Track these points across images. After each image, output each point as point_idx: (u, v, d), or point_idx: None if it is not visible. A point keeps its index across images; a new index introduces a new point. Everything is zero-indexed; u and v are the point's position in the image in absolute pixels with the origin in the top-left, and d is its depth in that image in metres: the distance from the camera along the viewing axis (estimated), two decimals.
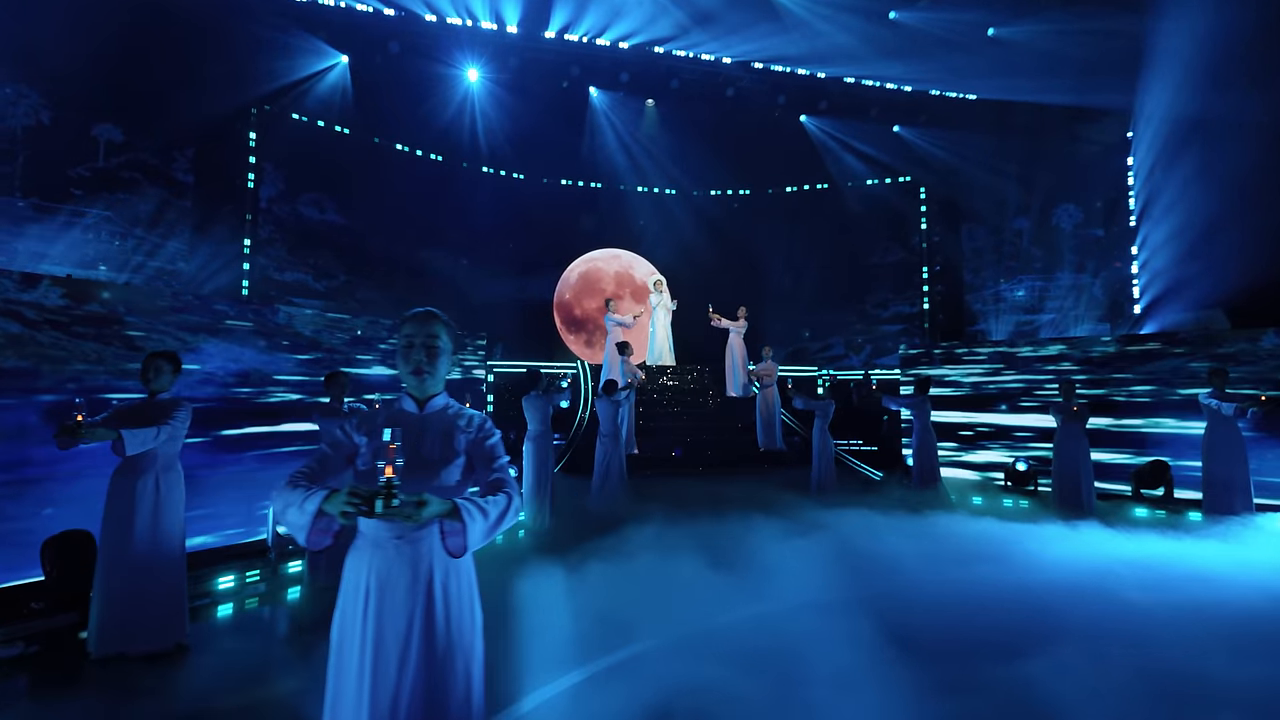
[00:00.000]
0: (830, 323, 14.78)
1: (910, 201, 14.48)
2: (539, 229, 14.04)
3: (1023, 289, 14.06)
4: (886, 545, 5.57)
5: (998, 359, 10.12)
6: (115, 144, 9.95)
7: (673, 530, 5.81)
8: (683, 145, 13.74)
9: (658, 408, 10.99)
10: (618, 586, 4.36)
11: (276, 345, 6.04)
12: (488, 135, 12.96)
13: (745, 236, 14.45)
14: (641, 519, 6.21)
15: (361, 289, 12.25)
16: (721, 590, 4.41)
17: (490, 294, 13.48)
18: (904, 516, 6.96)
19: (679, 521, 6.26)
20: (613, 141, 13.58)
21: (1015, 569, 5.23)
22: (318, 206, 11.81)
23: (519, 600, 4.06)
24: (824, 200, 14.81)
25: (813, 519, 6.33)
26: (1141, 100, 12.69)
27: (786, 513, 6.58)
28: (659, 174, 14.25)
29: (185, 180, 10.53)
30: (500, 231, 13.74)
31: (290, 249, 11.50)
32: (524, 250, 13.95)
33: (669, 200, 14.66)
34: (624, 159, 13.76)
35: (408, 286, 12.63)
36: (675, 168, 14.08)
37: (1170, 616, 4.03)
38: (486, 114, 12.60)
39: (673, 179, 14.41)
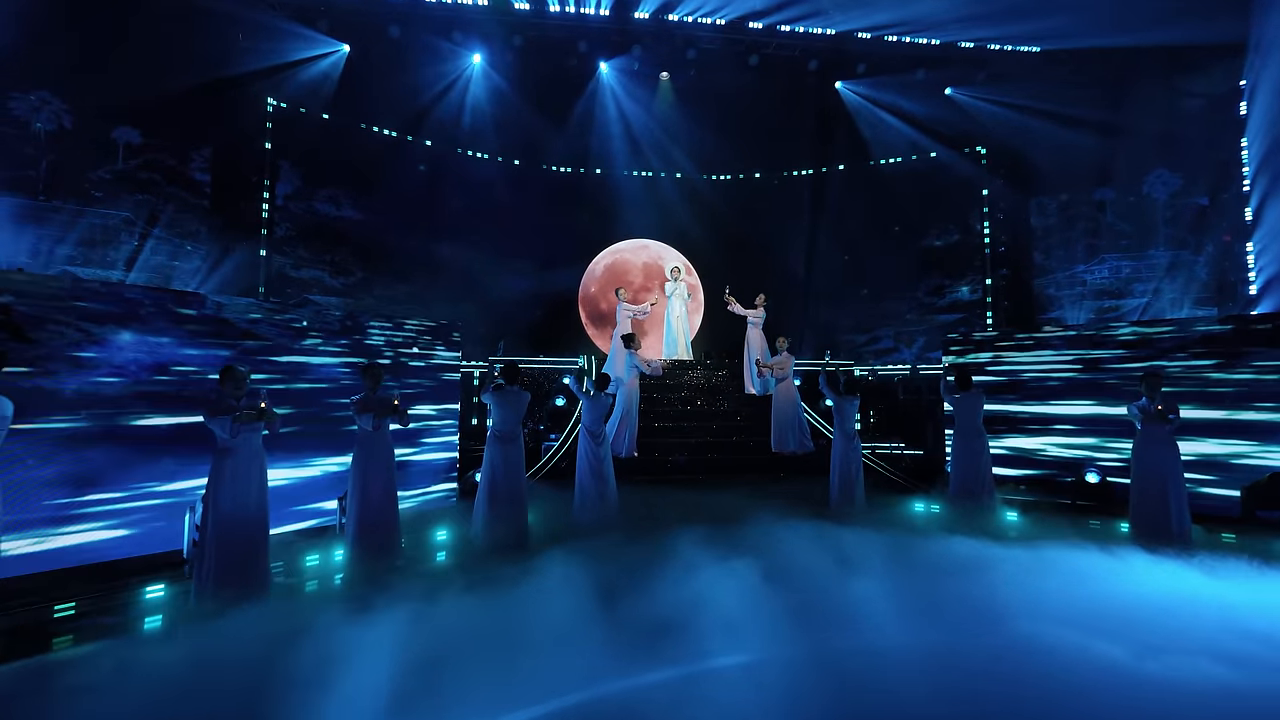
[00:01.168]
0: (878, 314, 13.35)
1: (969, 175, 12.85)
2: (562, 220, 13.47)
3: (1105, 269, 12.12)
4: (885, 584, 4.24)
5: (1066, 345, 8.57)
6: (134, 146, 10.19)
7: (613, 555, 4.95)
8: (702, 123, 12.76)
9: (668, 407, 10.12)
10: (462, 631, 3.56)
11: (203, 336, 5.68)
12: (503, 125, 12.53)
13: (775, 222, 13.32)
14: (589, 538, 5.43)
15: (379, 284, 12.11)
16: (612, 645, 3.48)
17: (511, 289, 13.07)
18: (927, 541, 5.70)
19: (636, 541, 5.39)
20: (633, 123, 12.79)
21: (1075, 626, 3.71)
22: (334, 202, 11.75)
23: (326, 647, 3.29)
24: (866, 178, 13.44)
25: (794, 542, 5.20)
26: (1259, 33, 10.58)
27: (771, 532, 5.52)
28: (678, 156, 13.32)
29: (202, 180, 10.68)
30: (521, 223, 13.30)
31: (307, 246, 11.49)
32: (547, 242, 13.39)
33: (688, 184, 13.74)
34: (642, 140, 12.94)
35: (425, 282, 12.41)
36: (695, 148, 13.11)
37: None
38: (500, 101, 12.15)
39: (694, 160, 13.45)
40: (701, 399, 10.34)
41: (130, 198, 10.14)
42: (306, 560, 5.30)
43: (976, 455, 7.36)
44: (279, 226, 11.29)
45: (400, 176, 12.14)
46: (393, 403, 5.37)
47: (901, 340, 13.25)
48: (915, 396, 11.35)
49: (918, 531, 6.29)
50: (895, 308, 13.30)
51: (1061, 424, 8.52)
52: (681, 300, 11.18)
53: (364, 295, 11.97)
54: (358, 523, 5.31)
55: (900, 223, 13.22)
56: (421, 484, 7.68)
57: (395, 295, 12.21)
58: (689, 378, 10.74)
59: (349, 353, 7.28)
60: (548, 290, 13.44)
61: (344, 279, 11.81)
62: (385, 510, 5.48)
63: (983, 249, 12.90)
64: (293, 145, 11.35)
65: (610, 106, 12.54)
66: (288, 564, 5.24)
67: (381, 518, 5.43)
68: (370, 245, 11.99)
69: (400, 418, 5.41)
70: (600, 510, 7.16)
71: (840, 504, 7.59)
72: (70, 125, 9.73)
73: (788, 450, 9.39)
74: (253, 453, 4.63)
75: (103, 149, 10.00)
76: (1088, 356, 8.40)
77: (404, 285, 12.27)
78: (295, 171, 11.47)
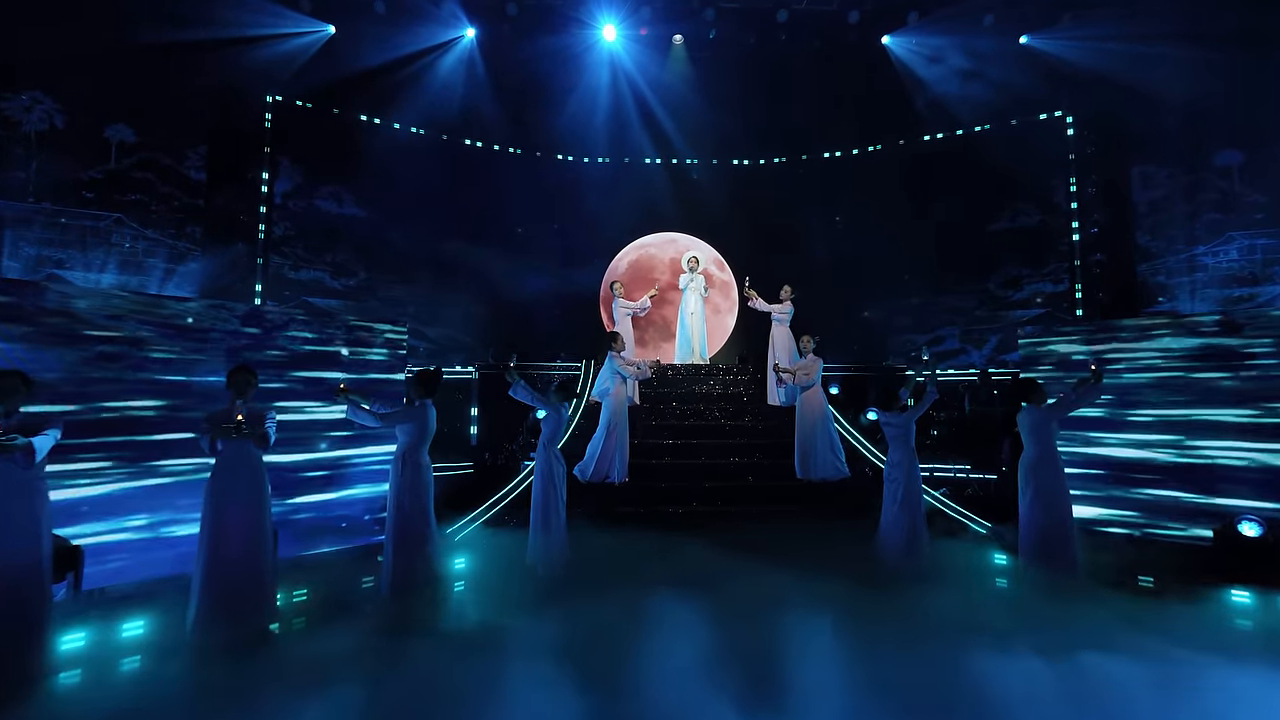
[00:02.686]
0: (940, 310, 11.34)
1: (1051, 142, 10.69)
2: (581, 214, 12.29)
3: (1234, 250, 9.70)
4: None
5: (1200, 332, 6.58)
6: (128, 144, 9.77)
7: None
8: (726, 96, 11.19)
9: (674, 420, 8.66)
10: None
11: (39, 335, 4.76)
12: (515, 111, 11.47)
13: (815, 207, 11.58)
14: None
15: (383, 286, 11.32)
16: None
17: (529, 289, 11.96)
18: (987, 634, 4.12)
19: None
20: (649, 100, 11.41)
21: None
22: (336, 199, 11.04)
23: None
24: (921, 153, 11.49)
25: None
26: None
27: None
28: (701, 136, 11.80)
29: (198, 178, 10.16)
30: (539, 219, 12.20)
31: (307, 245, 10.84)
32: (565, 238, 12.22)
33: (716, 170, 12.22)
34: (662, 121, 11.52)
35: (434, 283, 11.55)
36: (718, 126, 11.56)
37: None
38: (500, 83, 11.06)
39: (720, 141, 11.89)
40: (715, 411, 8.84)
41: (123, 198, 9.71)
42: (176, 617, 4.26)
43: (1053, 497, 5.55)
44: (277, 226, 10.67)
45: (406, 171, 11.32)
46: (235, 418, 4.23)
47: (970, 340, 11.20)
48: (986, 407, 9.38)
49: (1013, 612, 4.61)
50: (961, 303, 11.27)
51: (1197, 448, 6.45)
52: (698, 295, 9.73)
53: (367, 298, 11.19)
54: (205, 576, 4.21)
55: (965, 204, 11.19)
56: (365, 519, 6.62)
57: (399, 297, 11.36)
58: (703, 387, 9.24)
59: (288, 358, 6.31)
60: (568, 290, 12.25)
61: (345, 280, 11.06)
62: (249, 560, 4.38)
63: (1069, 231, 10.71)
64: (293, 140, 10.71)
65: (622, 83, 11.20)
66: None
67: (243, 571, 4.32)
68: (374, 245, 11.21)
69: (255, 439, 4.29)
70: (545, 553, 5.87)
71: (902, 560, 5.93)
72: (62, 125, 9.38)
73: (816, 477, 7.72)
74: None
75: (95, 149, 9.61)
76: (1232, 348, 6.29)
77: (410, 287, 11.41)
78: (295, 168, 10.83)
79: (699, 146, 12.14)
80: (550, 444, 6.27)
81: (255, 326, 6.18)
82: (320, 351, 6.42)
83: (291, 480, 6.11)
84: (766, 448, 8.29)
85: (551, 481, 6.16)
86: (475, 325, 11.86)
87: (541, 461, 6.20)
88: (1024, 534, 5.63)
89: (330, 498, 6.36)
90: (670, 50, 10.59)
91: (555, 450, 6.30)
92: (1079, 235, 10.63)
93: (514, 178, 12.19)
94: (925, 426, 9.62)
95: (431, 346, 11.68)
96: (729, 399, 9.07)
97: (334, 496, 6.38)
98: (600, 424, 7.55)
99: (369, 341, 6.80)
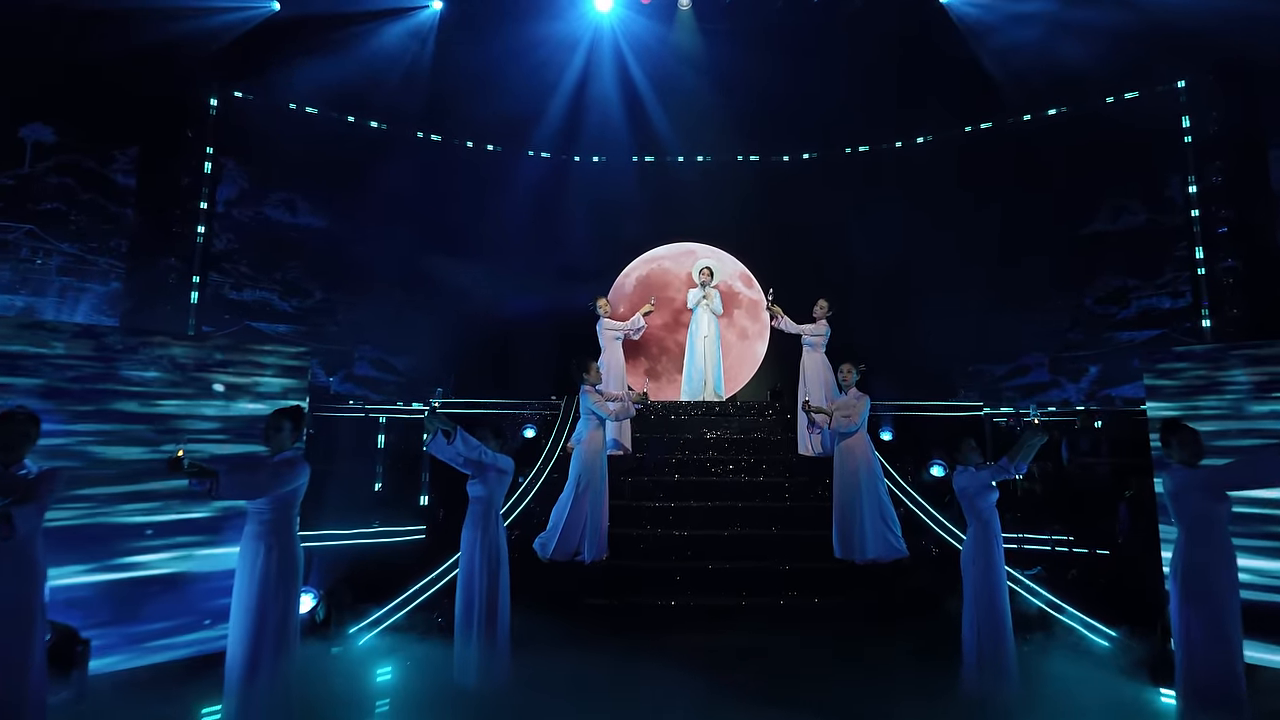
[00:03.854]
0: (1022, 334, 9.46)
1: (1162, 122, 8.85)
2: (583, 222, 10.88)
3: None
4: None
5: None
6: (45, 146, 8.74)
7: None
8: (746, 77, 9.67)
9: (673, 475, 7.00)
10: None
11: None
12: (498, 101, 10.14)
13: (861, 211, 9.84)
14: None
15: (343, 308, 10.02)
16: None
17: (518, 311, 10.54)
18: None
19: None
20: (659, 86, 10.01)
21: None
22: (288, 207, 9.86)
23: None
24: (992, 141, 9.73)
25: None
26: None
27: None
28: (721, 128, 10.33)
29: (126, 184, 9.08)
30: (531, 229, 10.80)
31: (253, 261, 9.63)
32: (564, 252, 10.80)
33: (741, 170, 10.72)
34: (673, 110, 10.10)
35: (406, 304, 10.18)
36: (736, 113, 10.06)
37: None
38: (490, 71, 9.77)
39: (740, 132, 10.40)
40: (728, 464, 7.11)
41: (36, 207, 8.69)
42: None
43: (1219, 599, 3.74)
44: (219, 238, 9.48)
45: (374, 173, 10.04)
46: None
47: (1062, 371, 9.25)
48: (1090, 458, 7.47)
49: None
50: (1050, 323, 9.35)
51: None
52: (710, 315, 8.11)
53: (323, 321, 9.90)
54: None
55: (1050, 202, 9.36)
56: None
57: (363, 321, 10.06)
58: (713, 431, 7.56)
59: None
60: (563, 311, 10.75)
61: (297, 301, 9.80)
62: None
63: (1188, 232, 8.77)
64: (239, 140, 9.57)
65: (622, 64, 9.76)
66: None
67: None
68: (334, 260, 9.93)
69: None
70: (477, 669, 4.33)
71: (983, 684, 4.20)
72: None
73: (862, 558, 5.93)
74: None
75: (7, 151, 8.64)
76: None
77: (376, 309, 10.09)
78: (241, 171, 9.66)
79: (718, 139, 10.63)
80: (485, 516, 4.73)
81: (90, 352, 4.84)
82: (179, 387, 5.03)
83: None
84: (795, 515, 6.48)
85: (486, 568, 4.61)
86: (454, 354, 10.48)
87: (470, 540, 4.66)
88: (1185, 668, 3.81)
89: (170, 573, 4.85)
90: (676, 18, 9.15)
91: (493, 523, 4.76)
92: (1201, 235, 8.69)
93: (500, 181, 10.82)
94: (1006, 483, 7.75)
95: (400, 380, 10.31)
96: (748, 447, 7.34)
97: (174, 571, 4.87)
98: (568, 483, 5.98)
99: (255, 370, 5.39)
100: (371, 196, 9.96)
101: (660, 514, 6.41)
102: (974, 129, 9.96)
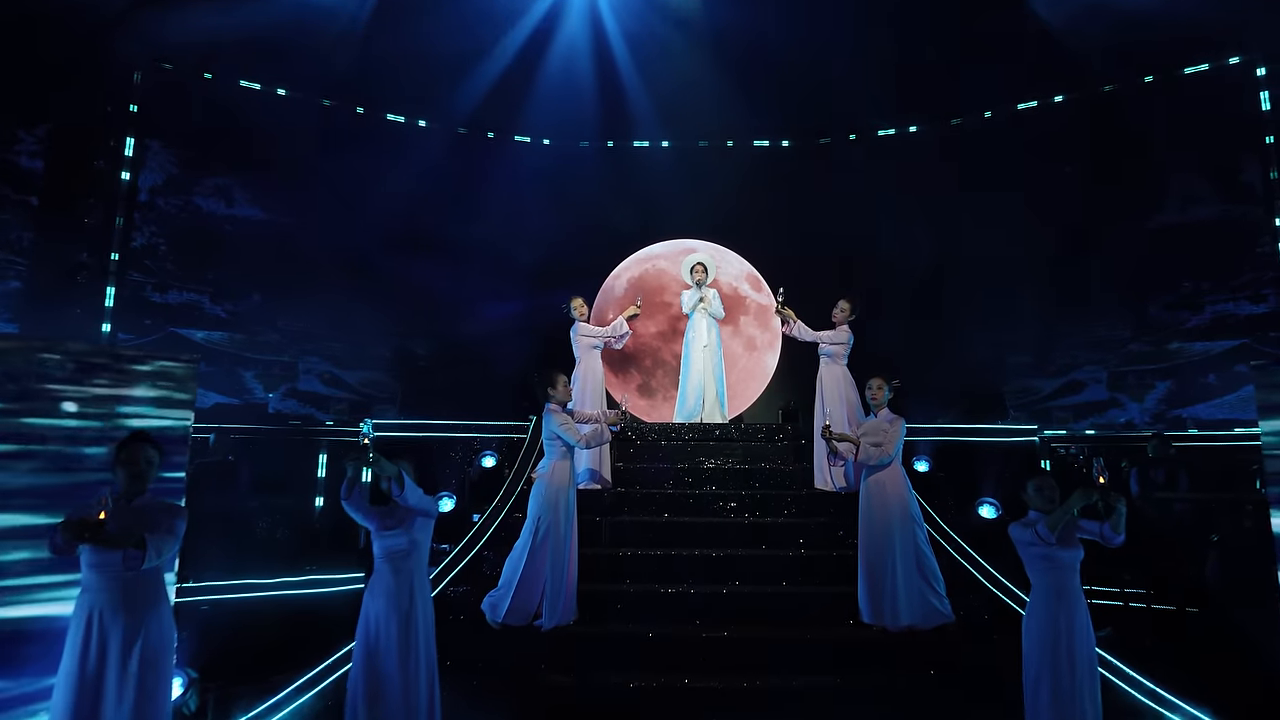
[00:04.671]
0: (1074, 344, 8.46)
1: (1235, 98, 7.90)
2: (566, 217, 9.95)
3: None
4: None
5: None
6: None
7: None
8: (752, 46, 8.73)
9: (660, 513, 5.96)
10: None
11: None
12: (467, 76, 9.22)
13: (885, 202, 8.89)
14: None
15: (286, 314, 9.03)
16: None
17: (490, 318, 9.59)
18: None
19: None
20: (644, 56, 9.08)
21: None
22: (223, 196, 8.91)
23: None
24: (1036, 121, 8.77)
25: None
26: None
27: None
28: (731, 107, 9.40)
29: (31, 167, 8.14)
30: (507, 224, 9.86)
31: (180, 259, 8.67)
32: (546, 249, 9.84)
33: (734, 152, 9.76)
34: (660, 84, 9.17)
35: (358, 308, 9.19)
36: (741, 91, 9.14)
37: None
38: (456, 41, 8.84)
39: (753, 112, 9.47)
40: (730, 501, 6.06)
41: None
42: None
43: None
44: (140, 231, 8.52)
45: (324, 160, 9.12)
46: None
47: (1123, 388, 8.22)
48: (1166, 493, 6.43)
49: None
50: (1108, 332, 8.34)
51: None
52: (709, 320, 7.10)
53: (262, 329, 8.91)
54: None
55: (1107, 192, 8.40)
56: None
57: (309, 330, 9.09)
58: (711, 460, 6.52)
59: None
60: (542, 316, 9.74)
61: (232, 305, 8.81)
62: None
63: (1270, 224, 7.79)
64: (167, 118, 8.66)
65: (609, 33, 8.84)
66: None
67: None
68: (276, 257, 8.94)
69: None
70: None
71: None
72: None
73: (896, 624, 4.86)
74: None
75: None
76: None
77: (325, 314, 9.11)
78: (168, 154, 8.73)
79: (720, 119, 9.69)
80: (405, 576, 3.72)
81: None
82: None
83: None
84: (812, 567, 5.40)
85: (404, 646, 3.59)
86: (415, 368, 9.51)
87: (379, 611, 3.65)
88: None
89: None
90: None
91: (418, 586, 3.75)
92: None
93: (470, 170, 9.82)
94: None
95: (352, 398, 9.32)
96: (755, 480, 6.26)
97: None
98: (525, 527, 4.94)
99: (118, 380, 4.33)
100: (321, 186, 9.00)
101: (644, 565, 5.33)
102: (1019, 108, 9.00)
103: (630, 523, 5.75)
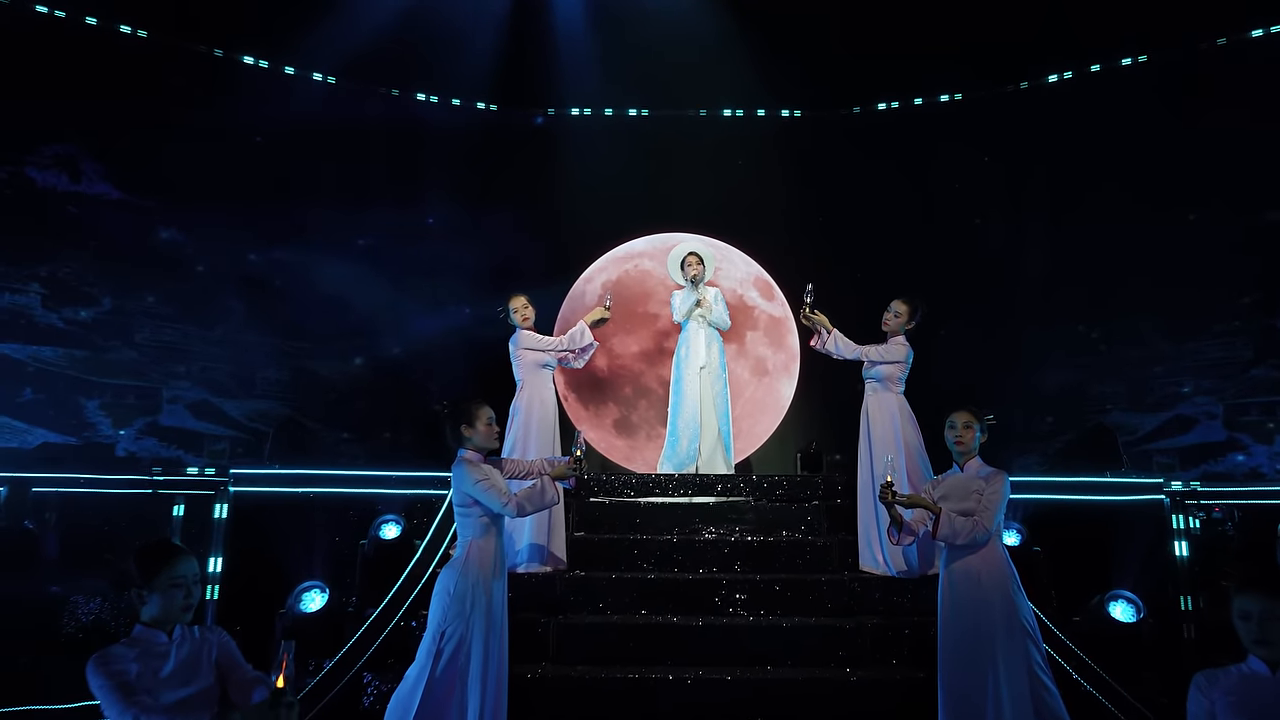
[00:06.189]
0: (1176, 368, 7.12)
1: None
2: (526, 205, 8.62)
3: None
4: None
5: None
6: None
7: None
8: None
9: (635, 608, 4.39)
10: None
11: None
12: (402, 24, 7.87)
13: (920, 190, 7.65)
14: None
15: (148, 325, 7.45)
16: None
17: (424, 333, 8.21)
18: None
19: None
20: None
21: None
22: (67, 169, 7.35)
23: None
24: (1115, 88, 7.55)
25: None
26: None
27: None
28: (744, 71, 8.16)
29: None
30: (447, 215, 8.51)
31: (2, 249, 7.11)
32: (496, 246, 8.45)
33: (739, 124, 8.39)
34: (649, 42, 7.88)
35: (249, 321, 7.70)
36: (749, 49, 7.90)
37: None
38: None
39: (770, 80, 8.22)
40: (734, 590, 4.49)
41: None
42: None
43: None
44: None
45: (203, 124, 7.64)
46: None
47: (1243, 426, 6.83)
48: None
49: None
50: (1220, 354, 6.99)
51: None
52: (709, 332, 5.61)
53: (114, 343, 7.26)
54: None
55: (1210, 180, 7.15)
56: None
57: (177, 343, 7.50)
58: (709, 529, 4.98)
59: None
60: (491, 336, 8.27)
61: (72, 311, 7.19)
62: None
63: None
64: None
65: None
66: None
67: None
68: (135, 250, 7.39)
69: None
70: None
71: None
72: None
73: None
74: None
75: None
76: None
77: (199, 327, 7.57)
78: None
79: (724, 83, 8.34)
80: None
81: None
82: None
83: None
84: (864, 698, 3.88)
85: None
86: (319, 397, 7.97)
87: None
88: None
89: None
90: None
91: None
92: None
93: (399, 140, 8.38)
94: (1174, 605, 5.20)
95: (236, 434, 7.71)
96: (774, 558, 4.73)
97: None
98: (422, 644, 3.36)
99: None
100: (200, 159, 7.51)
101: (612, 697, 3.77)
102: (1086, 73, 7.78)
103: (591, 626, 4.14)
